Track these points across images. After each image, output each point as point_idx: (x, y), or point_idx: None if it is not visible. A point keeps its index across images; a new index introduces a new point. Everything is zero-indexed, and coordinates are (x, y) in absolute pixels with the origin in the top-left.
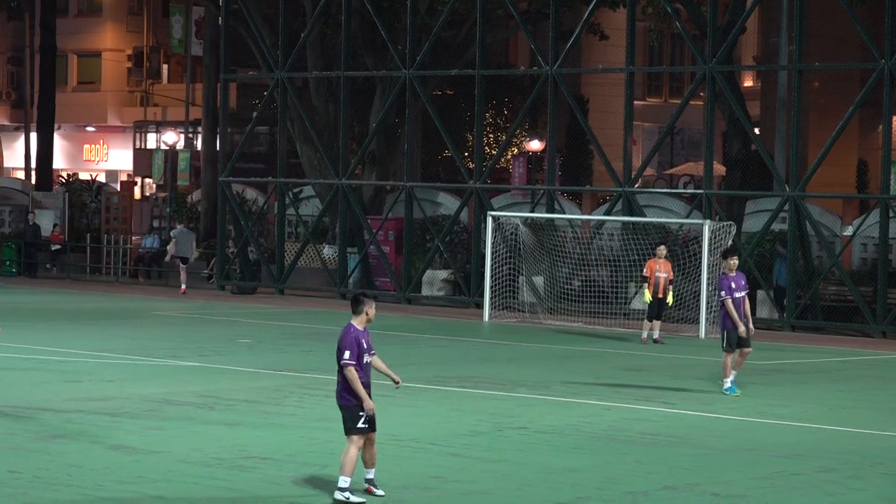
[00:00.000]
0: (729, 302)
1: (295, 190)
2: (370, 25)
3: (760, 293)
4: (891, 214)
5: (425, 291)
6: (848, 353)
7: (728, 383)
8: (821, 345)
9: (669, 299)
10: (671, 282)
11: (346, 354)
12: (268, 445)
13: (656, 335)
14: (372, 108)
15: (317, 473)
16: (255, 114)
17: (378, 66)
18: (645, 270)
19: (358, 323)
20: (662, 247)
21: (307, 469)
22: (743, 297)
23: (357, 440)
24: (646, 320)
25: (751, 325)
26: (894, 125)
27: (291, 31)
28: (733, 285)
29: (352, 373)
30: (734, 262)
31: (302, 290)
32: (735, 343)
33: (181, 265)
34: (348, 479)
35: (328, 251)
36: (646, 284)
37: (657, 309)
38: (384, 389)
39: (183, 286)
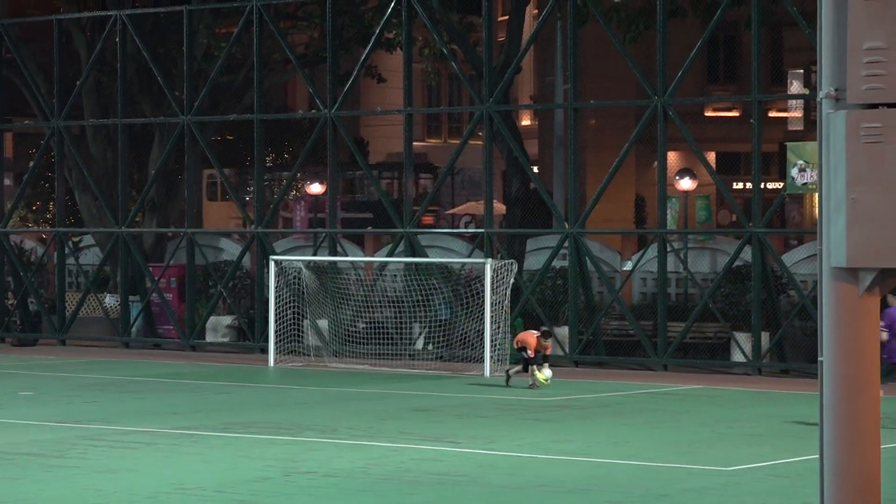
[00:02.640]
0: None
1: (74, 239)
2: (146, 72)
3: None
4: (668, 249)
5: (209, 338)
6: (630, 387)
7: None
8: (604, 379)
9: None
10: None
11: None
12: (52, 499)
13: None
14: (151, 154)
15: None
16: (31, 163)
17: (156, 113)
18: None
19: None
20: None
21: None
22: None
23: None
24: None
25: None
26: (669, 161)
27: (67, 79)
28: None
29: None
30: None
31: (84, 341)
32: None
33: None
34: None
35: (110, 300)
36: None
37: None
38: (168, 438)
39: None
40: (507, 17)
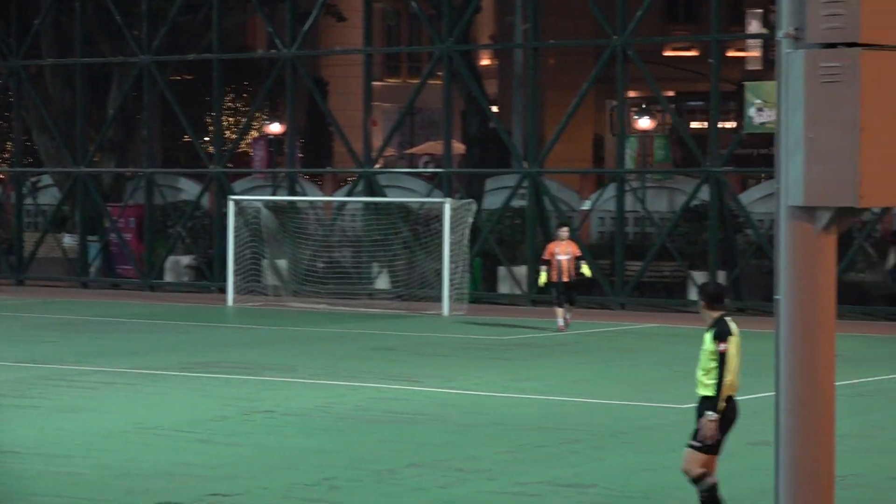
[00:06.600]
0: None
1: (32, 179)
2: (105, 11)
3: (502, 269)
4: (626, 188)
5: (168, 278)
6: (588, 326)
7: None
8: None
9: (586, 271)
10: (579, 258)
11: None
12: (11, 438)
13: (560, 322)
14: (109, 94)
15: (62, 465)
16: None
17: (114, 53)
18: (544, 254)
19: None
20: (564, 229)
21: (52, 461)
22: None
23: None
24: (555, 307)
25: None
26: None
27: (24, 18)
28: None
29: None
30: None
31: (43, 281)
32: None
33: None
34: None
35: (68, 240)
36: (543, 268)
37: (564, 293)
38: (127, 378)
39: None
40: None
